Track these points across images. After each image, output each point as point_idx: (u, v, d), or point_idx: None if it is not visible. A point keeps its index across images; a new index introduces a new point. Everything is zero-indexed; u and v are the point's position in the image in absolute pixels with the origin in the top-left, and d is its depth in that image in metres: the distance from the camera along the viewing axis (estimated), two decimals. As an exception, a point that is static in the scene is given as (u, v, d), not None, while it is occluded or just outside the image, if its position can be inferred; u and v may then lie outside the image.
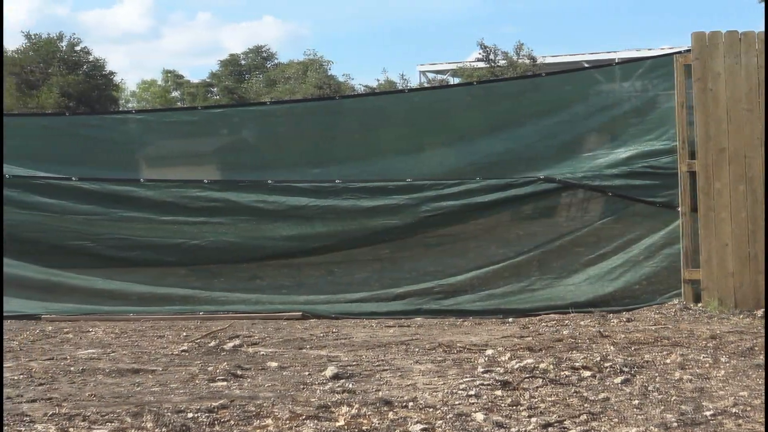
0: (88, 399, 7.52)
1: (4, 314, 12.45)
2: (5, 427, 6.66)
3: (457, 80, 53.55)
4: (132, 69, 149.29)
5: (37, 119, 20.79)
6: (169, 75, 75.21)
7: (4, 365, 9.03)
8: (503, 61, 49.92)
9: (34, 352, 9.86)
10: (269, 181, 13.45)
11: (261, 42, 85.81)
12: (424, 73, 64.75)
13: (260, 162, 14.54)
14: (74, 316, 12.54)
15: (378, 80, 56.96)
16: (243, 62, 73.29)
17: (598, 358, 8.78)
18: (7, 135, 14.88)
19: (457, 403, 7.27)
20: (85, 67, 59.96)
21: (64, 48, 60.14)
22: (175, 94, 73.67)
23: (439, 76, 61.21)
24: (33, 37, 60.37)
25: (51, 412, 6.99)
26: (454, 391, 7.68)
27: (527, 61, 50.04)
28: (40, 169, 14.12)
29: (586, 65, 27.18)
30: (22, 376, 8.47)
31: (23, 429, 6.66)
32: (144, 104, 71.01)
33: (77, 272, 13.34)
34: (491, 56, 50.40)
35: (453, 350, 9.75)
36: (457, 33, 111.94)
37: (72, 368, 8.84)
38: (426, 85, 55.79)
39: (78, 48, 60.66)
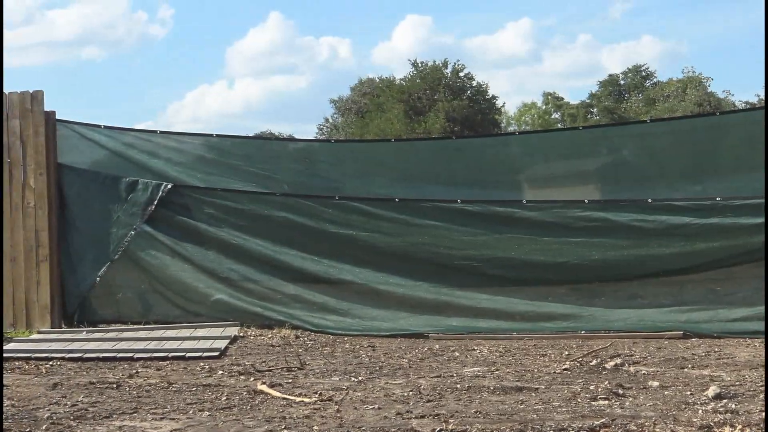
0: (474, 416, 7.77)
1: (396, 333, 13.07)
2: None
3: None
4: (513, 93, 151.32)
5: (425, 143, 21.60)
6: (549, 97, 75.75)
7: (396, 382, 9.50)
8: None
9: (423, 370, 10.27)
10: (649, 200, 13.38)
11: (639, 61, 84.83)
12: (808, 86, 61.82)
13: (640, 180, 14.47)
14: (460, 334, 12.91)
15: (758, 95, 54.97)
16: (622, 82, 72.74)
17: None
18: (398, 158, 15.62)
19: None
20: (468, 92, 61.38)
21: (449, 74, 61.78)
22: (555, 116, 74.10)
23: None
24: (419, 65, 62.41)
25: (438, 428, 7.26)
26: (843, 413, 7.42)
27: None
28: (427, 191, 14.68)
29: None
30: (411, 392, 8.86)
31: (413, 443, 7.01)
32: (524, 127, 71.83)
33: (463, 291, 13.74)
34: None
35: (842, 371, 9.39)
36: None
37: (458, 385, 9.15)
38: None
39: (462, 74, 62.18)
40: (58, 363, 10.84)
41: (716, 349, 11.16)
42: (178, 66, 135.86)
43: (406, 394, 8.75)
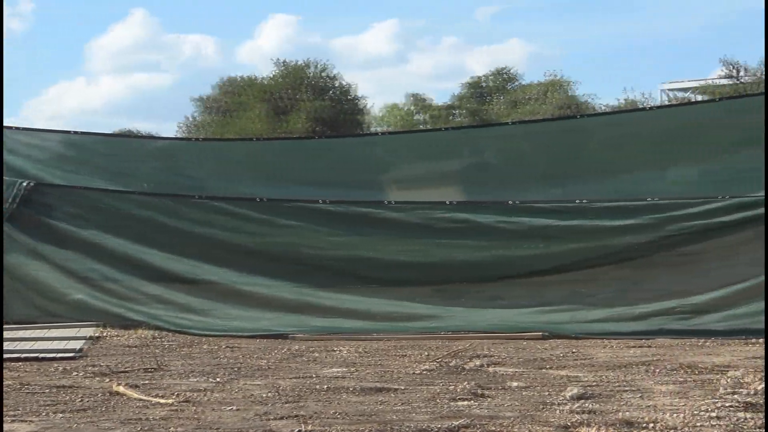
0: (334, 417, 7.74)
1: (255, 333, 12.92)
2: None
3: (699, 98, 51.94)
4: (379, 94, 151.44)
5: (288, 143, 21.52)
6: (412, 98, 76.11)
7: (256, 383, 9.41)
8: (747, 78, 48.08)
9: (283, 371, 10.18)
10: (510, 202, 13.52)
11: (506, 64, 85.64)
12: (665, 91, 63.22)
13: (502, 182, 14.66)
14: (322, 335, 12.83)
15: (619, 100, 56.05)
16: (485, 84, 73.51)
17: None
18: (261, 158, 15.56)
19: (699, 424, 7.18)
20: (332, 92, 61.33)
21: (313, 74, 61.65)
22: (419, 117, 74.47)
23: (681, 94, 59.65)
24: (283, 64, 62.12)
25: (298, 429, 7.23)
26: (696, 412, 7.58)
27: (774, 76, 47.95)
28: (291, 190, 14.65)
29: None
30: (271, 393, 8.78)
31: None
32: (388, 128, 72.02)
33: (326, 291, 13.67)
34: (735, 73, 48.62)
35: (695, 371, 9.61)
36: (700, 50, 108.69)
37: (318, 386, 9.10)
38: (667, 103, 54.47)
39: (325, 74, 62.11)
40: None
41: (575, 350, 11.30)
42: (38, 61, 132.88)
43: (265, 396, 8.68)
